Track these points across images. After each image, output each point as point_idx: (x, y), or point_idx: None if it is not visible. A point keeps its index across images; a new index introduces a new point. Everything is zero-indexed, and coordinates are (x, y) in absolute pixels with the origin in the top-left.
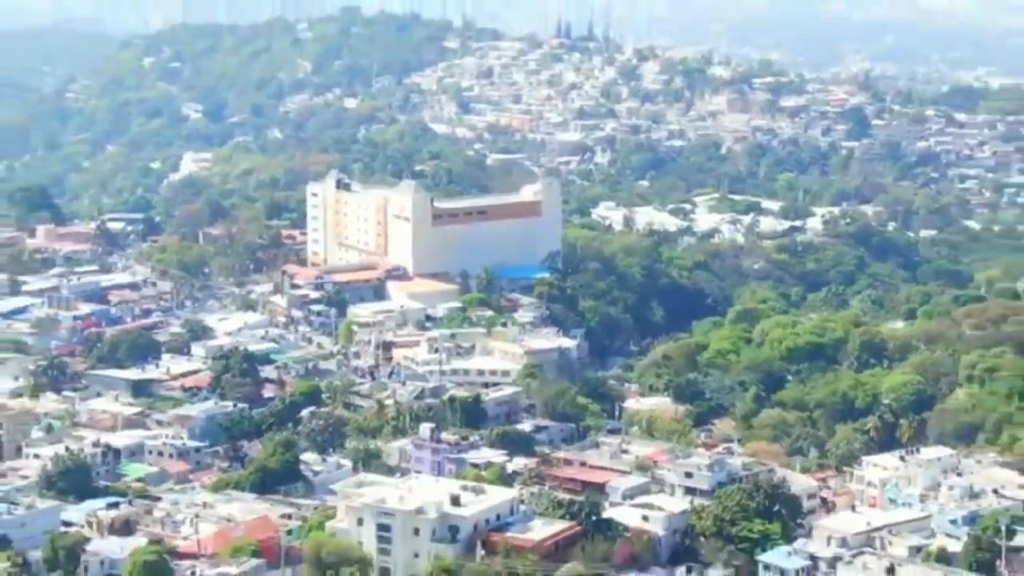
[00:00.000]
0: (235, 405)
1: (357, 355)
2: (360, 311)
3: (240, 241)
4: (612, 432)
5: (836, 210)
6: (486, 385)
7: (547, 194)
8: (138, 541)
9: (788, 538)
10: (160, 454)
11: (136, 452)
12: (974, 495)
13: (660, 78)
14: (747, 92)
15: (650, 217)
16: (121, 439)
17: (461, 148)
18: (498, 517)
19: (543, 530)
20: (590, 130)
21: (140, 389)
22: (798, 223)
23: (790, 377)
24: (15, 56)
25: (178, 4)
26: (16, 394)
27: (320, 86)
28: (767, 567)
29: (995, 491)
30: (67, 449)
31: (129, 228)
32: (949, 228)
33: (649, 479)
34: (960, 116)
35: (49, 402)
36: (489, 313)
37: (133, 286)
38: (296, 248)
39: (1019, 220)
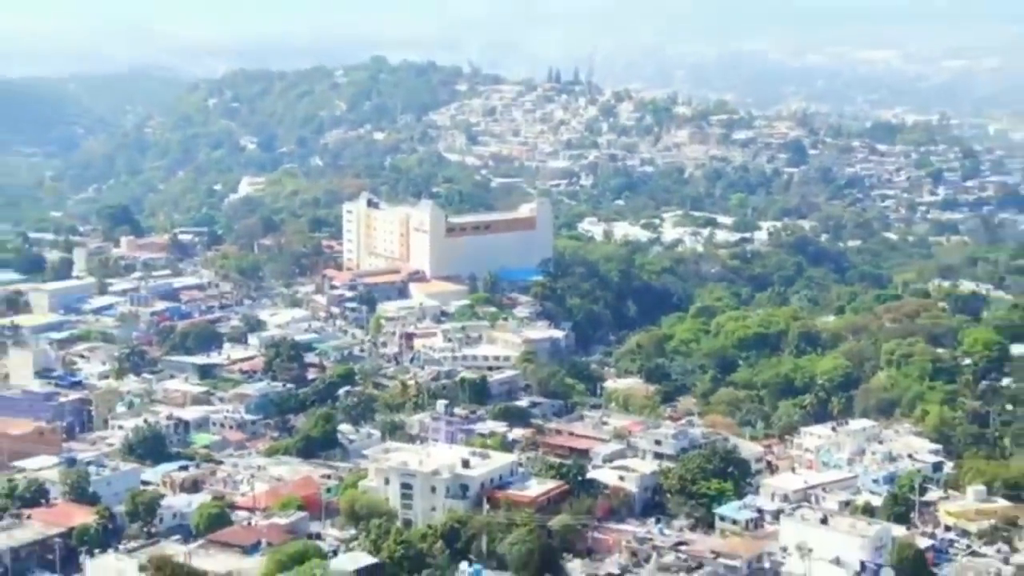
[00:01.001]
0: (284, 385)
1: (384, 344)
2: (387, 308)
3: (288, 250)
4: (594, 407)
5: (779, 224)
6: (490, 369)
7: (540, 211)
8: (204, 497)
9: (739, 494)
10: (222, 425)
11: (202, 424)
12: (892, 459)
13: (634, 115)
14: (705, 127)
15: (625, 230)
16: (190, 413)
17: (470, 173)
18: (500, 478)
19: (538, 488)
20: (576, 158)
21: (205, 372)
22: (747, 235)
23: (741, 362)
24: (103, 98)
25: (237, 55)
26: (104, 376)
27: (353, 122)
28: (722, 518)
29: (910, 456)
30: (145, 422)
31: (196, 239)
32: (871, 239)
33: (625, 446)
34: (880, 147)
35: (131, 383)
36: (493, 309)
37: (200, 287)
38: (334, 256)
39: (929, 233)
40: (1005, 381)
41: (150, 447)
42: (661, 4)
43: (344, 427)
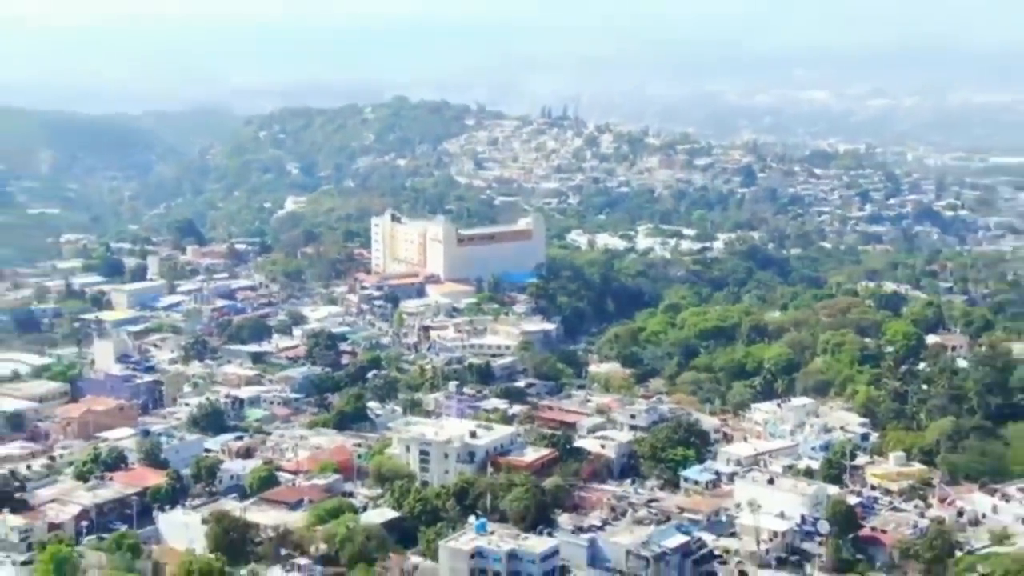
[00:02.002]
0: (322, 369)
1: (405, 335)
2: (407, 305)
3: (325, 257)
4: (580, 387)
5: (733, 235)
6: (493, 356)
7: (535, 225)
8: (256, 462)
9: (700, 460)
10: (271, 403)
11: (255, 401)
12: (827, 430)
13: (612, 145)
14: (672, 155)
15: (606, 240)
16: (244, 392)
17: (476, 193)
18: (502, 446)
19: (533, 455)
20: (564, 181)
21: (257, 358)
22: (707, 244)
23: (701, 350)
24: (173, 131)
25: (283, 95)
26: (173, 362)
27: (380, 151)
28: (686, 480)
29: (842, 428)
30: (207, 399)
31: (249, 248)
32: (810, 247)
33: (605, 419)
34: (817, 171)
35: (195, 367)
36: (495, 306)
37: (252, 288)
38: (363, 262)
39: (857, 242)
40: (921, 365)
41: (211, 421)
42: (636, 54)
43: (372, 404)
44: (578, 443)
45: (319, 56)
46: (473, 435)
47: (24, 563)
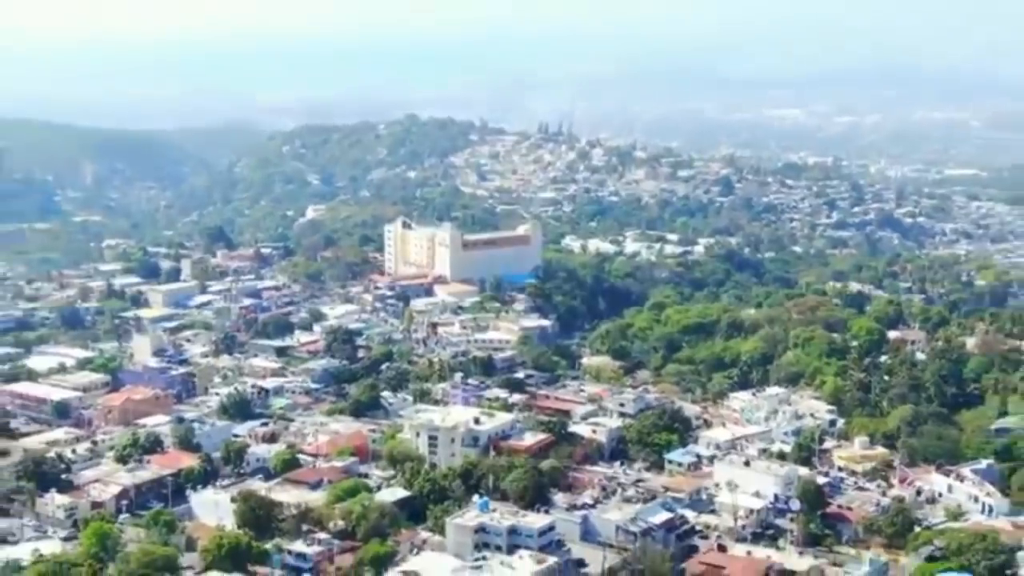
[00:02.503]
0: (340, 362)
1: (415, 331)
2: (417, 303)
3: (342, 260)
4: (574, 378)
5: (712, 240)
6: (495, 349)
7: (533, 231)
8: (280, 446)
9: (683, 443)
10: (293, 392)
11: (278, 391)
12: (798, 417)
13: (603, 158)
14: (657, 167)
15: (597, 245)
16: (269, 383)
17: (480, 202)
18: (503, 431)
19: (531, 439)
20: (559, 191)
21: (280, 352)
22: (689, 248)
23: (684, 344)
24: (204, 146)
25: (304, 113)
26: (204, 355)
27: (392, 164)
28: (670, 462)
29: (811, 415)
30: (236, 389)
31: (274, 252)
32: (782, 251)
33: (597, 407)
34: (789, 182)
35: (224, 360)
36: (497, 305)
37: (276, 288)
38: (377, 264)
39: (825, 246)
40: (883, 358)
41: (239, 409)
42: (625, 75)
43: (385, 393)
44: (572, 429)
45: (336, 77)
46: (477, 421)
47: (67, 538)
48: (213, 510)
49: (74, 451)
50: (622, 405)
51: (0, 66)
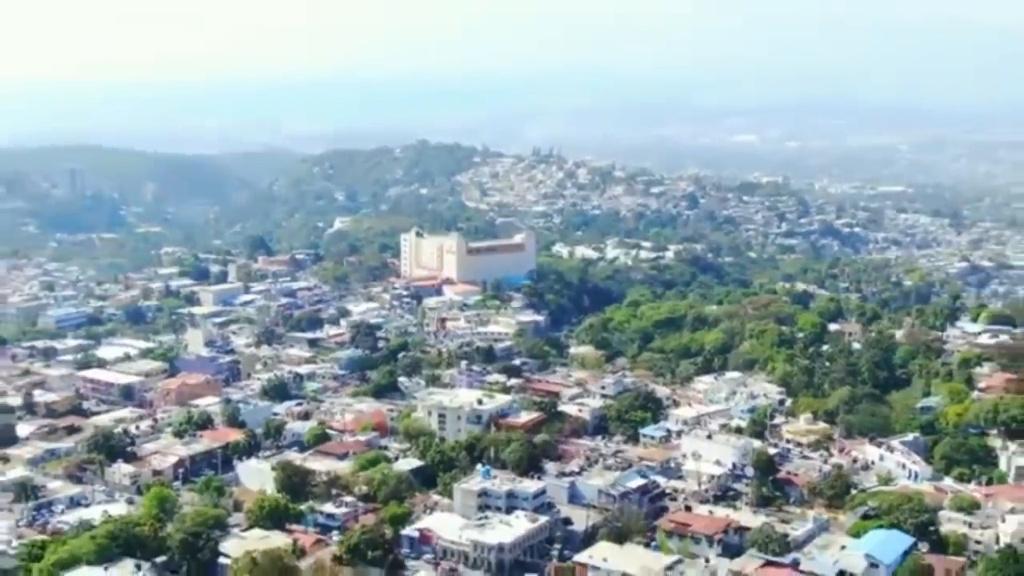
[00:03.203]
0: (363, 351)
1: (427, 325)
2: (429, 301)
3: (365, 264)
4: (562, 365)
5: (680, 247)
6: (495, 340)
7: (528, 239)
8: (312, 423)
9: (655, 420)
10: (323, 377)
11: (311, 376)
12: (753, 397)
13: (587, 177)
14: (633, 185)
15: (582, 252)
16: (303, 369)
17: (482, 215)
18: (502, 410)
19: (526, 417)
20: (550, 205)
21: (312, 343)
22: (660, 254)
23: (656, 335)
24: (246, 168)
25: (331, 139)
26: (248, 346)
27: (407, 182)
28: (644, 435)
29: (764, 395)
30: (275, 375)
31: (306, 258)
32: (740, 257)
33: (582, 390)
34: (745, 198)
35: (265, 350)
36: (497, 302)
37: (308, 288)
38: (394, 268)
39: (776, 252)
40: (825, 347)
41: (277, 391)
42: (606, 107)
43: (401, 378)
44: (561, 408)
45: (357, 109)
46: (479, 402)
47: (131, 502)
48: (256, 477)
49: (137, 427)
50: (603, 388)
51: (75, 100)
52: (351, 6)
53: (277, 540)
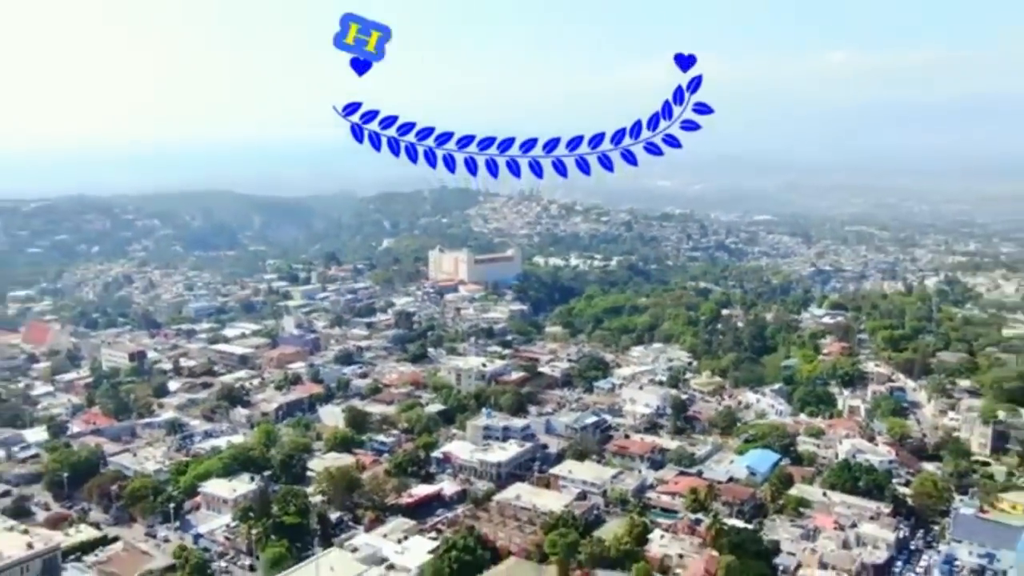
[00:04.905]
0: (403, 331)
1: (447, 312)
2: (448, 296)
3: (404, 271)
4: (540, 340)
5: (621, 258)
6: (494, 323)
7: (516, 253)
8: (369, 380)
9: (605, 377)
10: (376, 349)
11: (367, 348)
12: (670, 360)
13: (557, 210)
14: (589, 215)
15: (554, 261)
16: (362, 343)
17: (484, 236)
18: (499, 371)
19: (516, 376)
20: (531, 229)
21: (368, 325)
22: (608, 263)
23: (604, 319)
24: (324, 207)
25: (382, 184)
26: (326, 327)
27: (432, 215)
28: (597, 387)
29: (678, 359)
30: (343, 348)
31: (364, 266)
32: (661, 264)
33: (554, 357)
34: (664, 224)
35: (336, 330)
36: (495, 296)
37: (365, 288)
38: (424, 273)
39: (686, 262)
40: (719, 326)
41: (345, 359)
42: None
43: (430, 349)
44: (540, 369)
45: (397, 163)
46: (483, 365)
47: (246, 435)
48: (331, 417)
49: (251, 383)
50: (569, 355)
51: (199, 157)
52: (398, 78)
53: (346, 460)
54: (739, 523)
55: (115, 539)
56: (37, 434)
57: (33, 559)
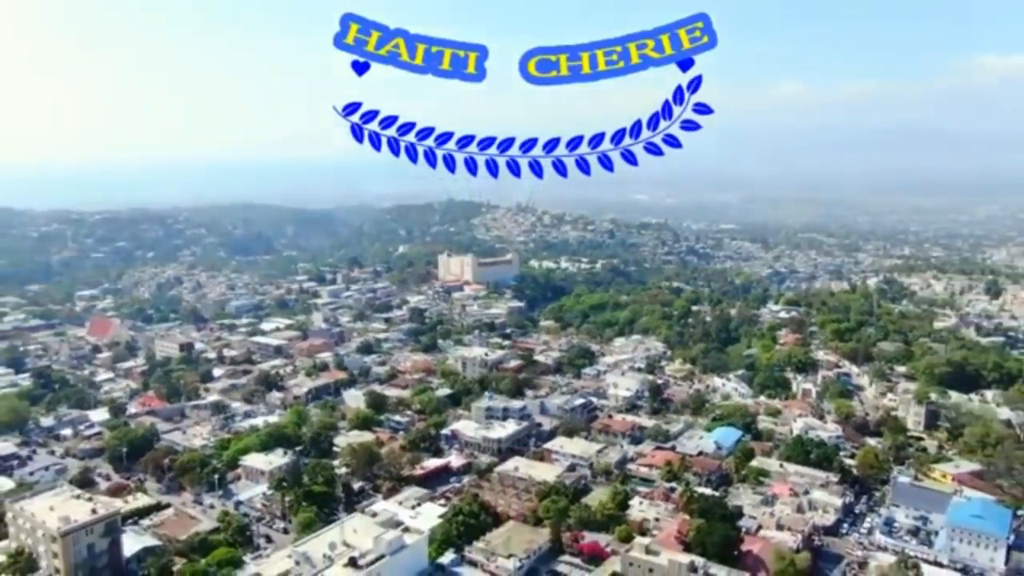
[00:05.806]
0: (416, 325)
1: (455, 309)
2: (456, 295)
3: (417, 273)
4: (535, 333)
5: (605, 261)
6: (495, 318)
7: (514, 257)
8: (387, 368)
9: (591, 364)
10: (393, 340)
11: (386, 340)
12: (648, 350)
13: (550, 219)
14: (577, 224)
15: (547, 264)
16: (381, 336)
17: (487, 243)
18: (500, 359)
19: (514, 363)
20: (527, 236)
21: (386, 320)
22: (594, 265)
23: (591, 314)
24: (349, 218)
25: (397, 199)
26: (349, 322)
27: (441, 224)
28: (584, 373)
29: (655, 348)
30: (365, 340)
31: (382, 269)
32: (640, 267)
33: (547, 346)
34: (643, 232)
35: (359, 325)
36: (496, 295)
37: (383, 288)
38: (435, 275)
39: (661, 265)
40: (690, 320)
41: (366, 349)
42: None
43: (440, 341)
44: (535, 358)
45: (412, 177)
46: (486, 355)
47: (280, 415)
48: (355, 400)
49: (284, 370)
50: (560, 345)
51: (248, 173)
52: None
53: (367, 436)
54: (708, 491)
55: (167, 505)
56: (100, 414)
57: (97, 523)
